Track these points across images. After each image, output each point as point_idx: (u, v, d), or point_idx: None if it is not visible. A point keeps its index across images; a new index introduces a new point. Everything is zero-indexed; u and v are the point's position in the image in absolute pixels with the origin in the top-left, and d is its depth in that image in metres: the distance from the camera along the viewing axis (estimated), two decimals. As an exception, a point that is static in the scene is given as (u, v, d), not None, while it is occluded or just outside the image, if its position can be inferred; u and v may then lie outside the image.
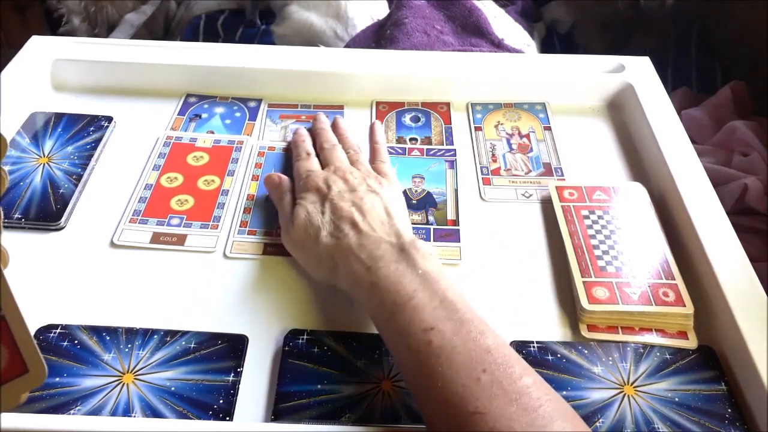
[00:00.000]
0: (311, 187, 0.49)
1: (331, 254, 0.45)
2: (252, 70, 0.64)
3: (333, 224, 0.46)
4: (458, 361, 0.36)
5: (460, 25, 0.89)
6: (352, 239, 0.44)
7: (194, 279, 0.48)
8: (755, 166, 0.78)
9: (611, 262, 0.48)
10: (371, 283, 0.42)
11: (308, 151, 0.55)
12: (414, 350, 0.37)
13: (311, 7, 0.92)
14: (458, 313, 0.38)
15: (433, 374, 0.36)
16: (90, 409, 0.39)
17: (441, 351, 0.36)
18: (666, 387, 0.42)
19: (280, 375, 0.42)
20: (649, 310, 0.45)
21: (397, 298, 0.40)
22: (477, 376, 0.35)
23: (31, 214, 0.51)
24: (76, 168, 0.56)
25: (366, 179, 0.50)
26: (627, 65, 0.66)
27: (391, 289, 0.41)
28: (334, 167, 0.51)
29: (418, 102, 0.65)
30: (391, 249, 0.43)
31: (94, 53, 0.65)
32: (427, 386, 0.36)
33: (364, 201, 0.47)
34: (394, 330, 0.39)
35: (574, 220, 0.52)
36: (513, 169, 0.58)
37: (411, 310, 0.39)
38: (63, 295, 0.46)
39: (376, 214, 0.46)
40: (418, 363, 0.37)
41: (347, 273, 0.44)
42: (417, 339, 0.38)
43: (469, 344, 0.37)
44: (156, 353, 0.43)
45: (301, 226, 0.47)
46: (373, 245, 0.44)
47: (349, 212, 0.46)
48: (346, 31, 0.90)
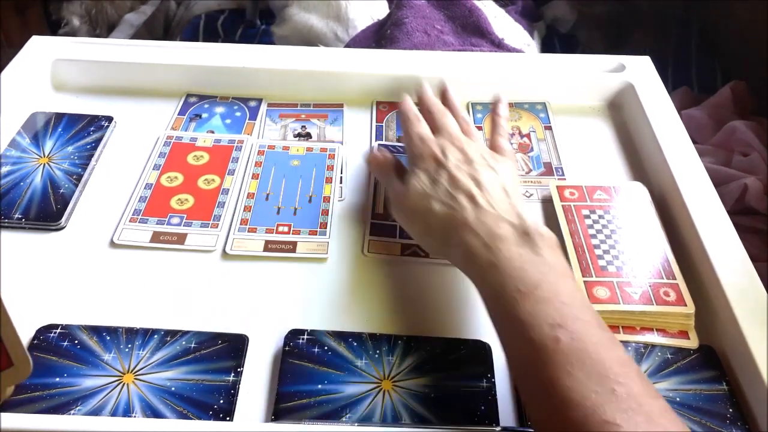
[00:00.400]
0: (426, 154, 0.47)
1: (445, 224, 0.43)
2: (252, 70, 0.64)
3: (449, 194, 0.43)
4: (589, 365, 0.34)
5: (460, 25, 0.89)
6: (470, 212, 0.42)
7: (194, 278, 0.48)
8: (755, 166, 0.78)
9: (612, 261, 0.48)
10: (491, 264, 0.39)
11: (418, 116, 0.52)
12: (538, 344, 0.35)
13: (311, 9, 0.91)
14: (587, 314, 0.37)
15: (559, 373, 0.34)
16: (90, 409, 0.39)
17: (571, 351, 0.34)
18: (667, 387, 0.42)
19: (281, 375, 0.41)
20: (650, 310, 0.45)
21: (520, 285, 0.38)
22: (612, 387, 0.33)
23: (32, 214, 0.51)
24: (76, 168, 0.56)
25: (483, 153, 0.47)
26: (627, 65, 0.66)
27: (514, 275, 0.38)
28: (448, 135, 0.48)
29: (416, 102, 0.65)
30: (513, 231, 0.41)
31: (94, 53, 0.65)
32: (548, 384, 0.34)
33: (483, 175, 0.44)
34: (514, 319, 0.37)
35: (575, 219, 0.52)
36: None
37: (536, 301, 0.37)
38: (63, 295, 0.46)
39: (494, 190, 0.44)
40: (542, 358, 0.35)
41: (462, 246, 0.41)
42: (542, 333, 0.35)
43: (602, 351, 0.35)
44: (156, 353, 0.43)
45: (416, 194, 0.45)
46: (493, 222, 0.41)
47: (466, 184, 0.44)
48: (347, 33, 0.89)
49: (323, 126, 0.62)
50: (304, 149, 0.59)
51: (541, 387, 0.35)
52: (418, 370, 0.42)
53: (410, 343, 0.44)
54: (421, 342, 0.44)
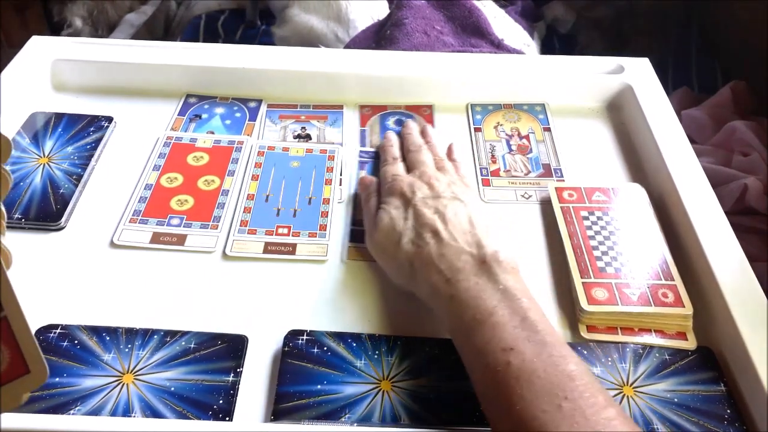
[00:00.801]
0: (395, 191, 0.49)
1: (411, 262, 0.44)
2: (252, 70, 0.64)
3: (415, 231, 0.45)
4: (538, 385, 0.35)
5: (460, 26, 0.89)
6: (433, 248, 0.43)
7: (194, 279, 0.48)
8: (755, 166, 0.78)
9: (611, 263, 0.48)
10: (451, 296, 0.41)
11: (395, 156, 0.55)
12: (492, 370, 0.36)
13: (311, 10, 0.91)
14: (539, 334, 0.37)
15: (512, 396, 0.35)
16: (90, 409, 0.39)
17: (520, 373, 0.35)
18: (665, 387, 0.42)
19: (280, 375, 0.42)
20: (649, 311, 0.45)
21: (476, 314, 0.39)
22: (558, 403, 0.34)
23: (32, 215, 0.52)
24: (76, 168, 0.56)
25: (451, 185, 0.49)
26: (626, 66, 0.66)
27: (470, 304, 0.40)
28: (419, 172, 0.51)
29: (402, 105, 0.65)
30: (472, 261, 0.42)
31: (94, 53, 0.65)
32: (504, 408, 0.35)
33: (448, 208, 0.46)
34: (472, 347, 0.39)
35: (574, 221, 0.52)
36: (512, 170, 0.58)
37: (490, 327, 0.38)
38: (63, 295, 0.47)
39: (459, 222, 0.45)
40: (496, 383, 0.36)
41: (426, 283, 0.43)
42: (495, 358, 0.37)
43: (550, 369, 0.35)
44: (156, 353, 0.43)
45: (384, 230, 0.47)
46: (454, 256, 0.43)
47: (431, 219, 0.45)
48: (347, 33, 0.89)
49: (323, 127, 0.62)
50: (304, 150, 0.59)
51: (499, 412, 0.36)
52: (417, 370, 0.42)
53: (409, 344, 0.44)
54: (420, 343, 0.44)
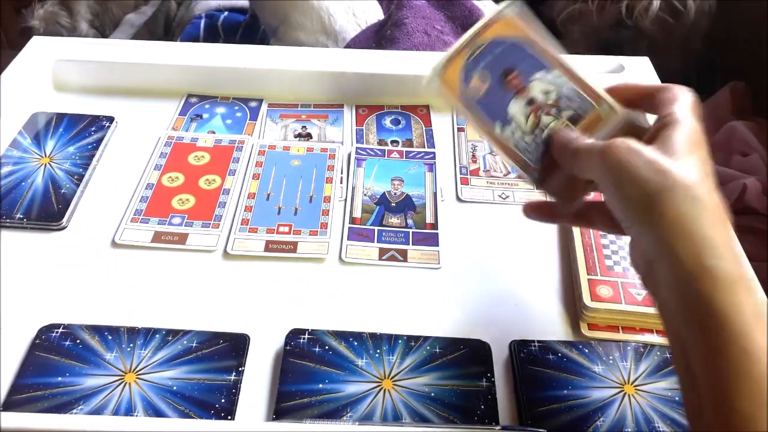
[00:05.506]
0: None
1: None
2: (252, 70, 0.65)
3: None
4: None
5: (460, 25, 0.89)
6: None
7: (196, 278, 0.48)
8: (755, 166, 0.78)
9: (619, 262, 0.48)
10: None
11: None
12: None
13: (298, 27, 0.91)
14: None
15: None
16: (92, 408, 0.39)
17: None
18: (666, 386, 0.42)
19: (282, 374, 0.42)
20: (651, 312, 0.45)
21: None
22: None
23: (33, 214, 0.52)
24: (77, 168, 0.56)
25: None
26: (626, 65, 0.66)
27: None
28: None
29: (398, 105, 0.65)
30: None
31: (94, 53, 0.65)
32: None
33: None
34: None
35: None
36: (492, 170, 0.58)
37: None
38: (65, 295, 0.47)
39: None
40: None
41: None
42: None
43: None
44: (158, 352, 0.43)
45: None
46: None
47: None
48: (337, 45, 0.90)
49: (324, 126, 0.63)
50: (305, 149, 0.59)
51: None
52: (418, 369, 0.42)
53: (410, 343, 0.44)
54: (421, 341, 0.44)
